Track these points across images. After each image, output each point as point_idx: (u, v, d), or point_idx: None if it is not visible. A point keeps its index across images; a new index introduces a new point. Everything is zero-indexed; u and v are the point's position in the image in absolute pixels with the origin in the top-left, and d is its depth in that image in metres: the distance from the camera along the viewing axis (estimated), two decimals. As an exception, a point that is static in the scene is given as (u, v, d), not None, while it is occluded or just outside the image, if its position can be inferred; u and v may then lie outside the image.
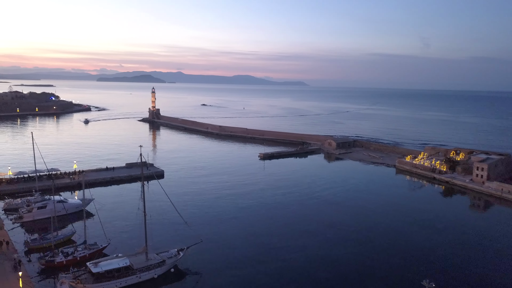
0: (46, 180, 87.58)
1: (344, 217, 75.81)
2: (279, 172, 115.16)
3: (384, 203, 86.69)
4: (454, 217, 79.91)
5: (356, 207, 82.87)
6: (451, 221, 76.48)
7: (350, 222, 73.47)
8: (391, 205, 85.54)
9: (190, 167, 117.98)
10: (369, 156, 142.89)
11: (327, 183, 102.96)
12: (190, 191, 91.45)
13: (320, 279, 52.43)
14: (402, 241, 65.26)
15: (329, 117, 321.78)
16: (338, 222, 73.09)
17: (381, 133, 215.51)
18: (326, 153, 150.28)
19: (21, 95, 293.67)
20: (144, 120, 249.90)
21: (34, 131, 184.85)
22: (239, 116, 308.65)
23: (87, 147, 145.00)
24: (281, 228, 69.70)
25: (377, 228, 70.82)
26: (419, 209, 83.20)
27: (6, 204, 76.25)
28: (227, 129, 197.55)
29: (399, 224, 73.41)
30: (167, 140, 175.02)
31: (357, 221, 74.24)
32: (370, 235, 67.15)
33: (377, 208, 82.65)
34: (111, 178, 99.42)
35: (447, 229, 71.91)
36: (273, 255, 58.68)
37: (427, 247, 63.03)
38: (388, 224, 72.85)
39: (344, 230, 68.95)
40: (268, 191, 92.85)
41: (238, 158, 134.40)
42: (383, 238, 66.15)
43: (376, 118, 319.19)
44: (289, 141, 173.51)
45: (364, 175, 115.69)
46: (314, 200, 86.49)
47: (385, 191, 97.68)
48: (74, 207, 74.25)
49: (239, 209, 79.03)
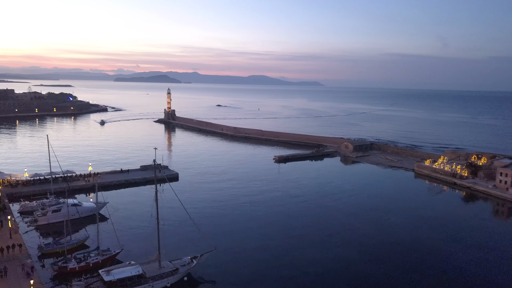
0: (61, 183, 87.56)
1: (365, 228, 73.11)
2: (295, 176, 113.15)
3: (405, 210, 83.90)
4: (478, 226, 76.68)
5: (377, 217, 79.85)
6: (474, 229, 73.48)
7: (372, 233, 70.69)
8: (412, 212, 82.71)
9: (204, 169, 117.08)
10: (386, 159, 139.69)
11: (345, 188, 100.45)
12: (205, 196, 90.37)
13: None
14: (428, 256, 62.03)
15: (345, 118, 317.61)
16: (358, 232, 70.31)
17: (399, 135, 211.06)
18: (342, 156, 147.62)
19: (40, 96, 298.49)
20: (160, 121, 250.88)
21: (51, 131, 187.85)
22: (254, 117, 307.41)
23: (102, 149, 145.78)
24: (297, 237, 67.75)
25: (399, 238, 68.35)
26: (442, 217, 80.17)
27: (22, 207, 76.55)
28: (241, 131, 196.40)
29: (422, 235, 70.36)
30: (182, 142, 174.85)
31: (379, 232, 71.54)
32: (393, 249, 63.87)
33: (398, 216, 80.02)
34: (126, 181, 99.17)
35: (471, 239, 68.94)
36: (289, 265, 56.92)
37: (455, 264, 60.24)
38: (411, 235, 69.86)
39: (365, 242, 65.92)
40: (284, 197, 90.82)
41: (253, 161, 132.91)
42: (406, 252, 63.18)
43: (393, 120, 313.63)
44: (304, 143, 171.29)
45: (382, 180, 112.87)
46: (332, 208, 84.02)
47: (404, 197, 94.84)
48: (88, 210, 73.90)
49: (254, 216, 77.32)
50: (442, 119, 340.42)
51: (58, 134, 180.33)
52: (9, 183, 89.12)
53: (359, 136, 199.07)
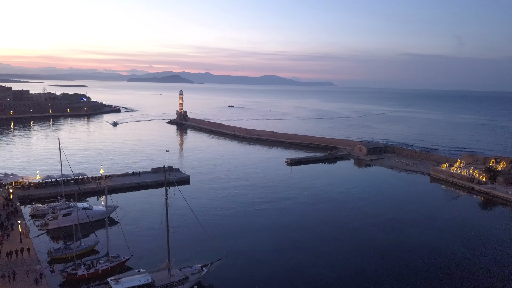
0: (73, 185, 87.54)
1: (382, 237, 70.83)
2: (308, 180, 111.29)
3: (423, 219, 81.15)
4: (499, 233, 73.77)
5: (395, 225, 77.53)
6: (494, 237, 70.67)
7: (389, 242, 68.50)
8: (430, 221, 79.93)
9: (216, 172, 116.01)
10: (401, 163, 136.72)
11: (359, 194, 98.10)
12: (216, 200, 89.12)
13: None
14: (447, 263, 60.16)
15: (359, 119, 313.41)
16: (375, 242, 67.87)
17: (414, 137, 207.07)
18: (356, 159, 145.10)
19: (54, 96, 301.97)
20: (172, 122, 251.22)
21: (64, 133, 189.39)
22: (266, 118, 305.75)
23: (114, 150, 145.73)
24: (311, 244, 65.93)
25: (415, 245, 66.15)
26: (461, 225, 77.59)
27: (33, 210, 76.45)
28: (253, 132, 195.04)
29: (443, 248, 67.65)
30: (194, 143, 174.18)
31: (397, 242, 69.47)
32: (412, 261, 61.54)
33: (417, 226, 77.54)
34: (137, 184, 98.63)
35: (491, 246, 66.26)
36: (302, 274, 55.27)
37: (472, 270, 57.98)
38: (431, 247, 67.12)
39: (383, 253, 63.60)
40: (297, 202, 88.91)
41: (265, 164, 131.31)
42: (427, 267, 60.74)
43: (408, 121, 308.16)
44: (317, 145, 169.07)
45: (397, 184, 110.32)
46: (346, 215, 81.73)
47: (421, 204, 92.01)
48: (99, 214, 73.37)
49: (266, 222, 75.61)
50: (459, 120, 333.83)
51: (71, 135, 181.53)
52: (22, 185, 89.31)
53: (373, 138, 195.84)
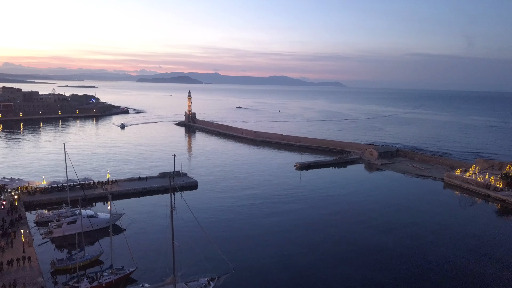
0: (78, 190, 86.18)
1: (396, 247, 68.29)
2: (318, 185, 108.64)
3: (438, 227, 78.25)
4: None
5: (409, 234, 74.87)
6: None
7: (400, 249, 66.19)
8: (445, 229, 76.99)
9: (224, 177, 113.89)
10: (413, 167, 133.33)
11: (371, 200, 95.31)
12: (223, 207, 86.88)
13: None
14: (462, 277, 57.36)
15: (368, 121, 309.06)
16: (388, 252, 65.45)
17: (425, 140, 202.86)
18: (367, 163, 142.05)
19: (63, 98, 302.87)
20: (180, 124, 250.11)
21: (72, 135, 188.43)
22: (274, 119, 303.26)
23: (121, 154, 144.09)
24: (322, 255, 63.52)
25: (429, 257, 63.30)
26: (478, 236, 74.46)
27: (38, 217, 75.14)
28: (262, 135, 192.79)
29: (453, 254, 65.07)
30: (202, 146, 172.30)
31: (412, 253, 66.76)
32: (422, 269, 59.31)
33: (432, 234, 74.68)
34: (143, 189, 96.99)
35: (510, 260, 63.12)
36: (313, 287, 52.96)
37: (489, 285, 55.06)
38: (447, 258, 64.30)
39: (397, 266, 61.10)
40: (307, 210, 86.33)
41: (274, 168, 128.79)
42: (437, 271, 58.43)
43: (419, 123, 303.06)
44: (327, 148, 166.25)
45: (410, 191, 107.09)
46: (358, 222, 79.07)
47: (436, 211, 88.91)
48: (104, 222, 71.74)
49: (275, 232, 72.93)
50: (471, 122, 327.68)
51: (78, 138, 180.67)
52: (27, 191, 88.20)
53: (384, 141, 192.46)
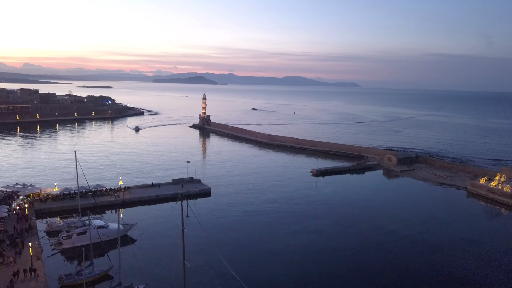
0: (90, 198, 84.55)
1: (416, 261, 64.55)
2: (335, 193, 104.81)
3: (460, 239, 74.15)
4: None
5: (429, 246, 70.97)
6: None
7: (422, 267, 62.21)
8: (467, 242, 72.97)
9: (238, 184, 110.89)
10: (434, 175, 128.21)
11: (393, 212, 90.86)
12: (237, 217, 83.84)
13: None
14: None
15: (386, 124, 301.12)
16: (408, 266, 61.95)
17: (446, 145, 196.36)
18: (385, 169, 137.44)
19: (79, 99, 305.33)
20: (195, 126, 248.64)
21: (88, 138, 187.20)
22: (289, 122, 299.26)
23: (135, 159, 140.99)
24: (339, 270, 60.12)
25: (454, 275, 59.23)
26: (502, 250, 70.02)
27: (48, 226, 73.61)
28: (277, 139, 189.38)
29: (479, 273, 60.88)
30: (216, 150, 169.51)
31: (432, 269, 62.76)
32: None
33: (452, 246, 70.50)
34: (156, 196, 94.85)
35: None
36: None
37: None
38: (466, 272, 60.56)
39: (416, 278, 57.82)
40: (327, 222, 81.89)
41: (290, 175, 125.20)
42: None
43: (438, 127, 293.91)
44: (344, 153, 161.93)
45: (432, 200, 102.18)
46: (383, 238, 74.69)
47: (458, 222, 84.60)
48: (115, 233, 69.37)
49: (293, 247, 69.20)
50: (493, 125, 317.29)
51: (92, 141, 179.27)
52: (39, 198, 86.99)
53: (402, 146, 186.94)
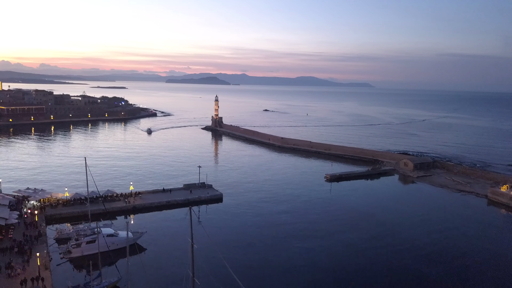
0: (101, 203, 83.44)
1: (437, 276, 61.47)
2: (351, 201, 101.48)
3: (484, 253, 70.61)
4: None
5: (450, 259, 67.85)
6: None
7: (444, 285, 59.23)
8: (490, 255, 69.45)
9: (250, 190, 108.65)
10: (453, 181, 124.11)
11: (412, 221, 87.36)
12: (249, 226, 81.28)
13: None
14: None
15: (401, 127, 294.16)
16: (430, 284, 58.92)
17: (464, 149, 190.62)
18: (401, 175, 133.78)
19: (93, 100, 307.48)
20: (207, 128, 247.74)
21: (100, 140, 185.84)
22: (302, 124, 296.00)
23: (147, 163, 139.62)
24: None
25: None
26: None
27: (58, 233, 72.63)
28: (289, 142, 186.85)
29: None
30: (228, 154, 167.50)
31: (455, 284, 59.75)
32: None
33: (475, 260, 67.20)
34: (167, 202, 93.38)
35: None
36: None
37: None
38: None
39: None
40: (343, 234, 77.99)
41: (303, 180, 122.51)
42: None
43: (456, 130, 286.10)
44: (358, 157, 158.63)
45: (451, 208, 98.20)
46: (402, 251, 71.28)
47: (479, 233, 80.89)
48: (125, 241, 68.14)
49: (308, 260, 66.13)
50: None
51: (104, 144, 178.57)
52: (50, 203, 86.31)
53: (418, 150, 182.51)
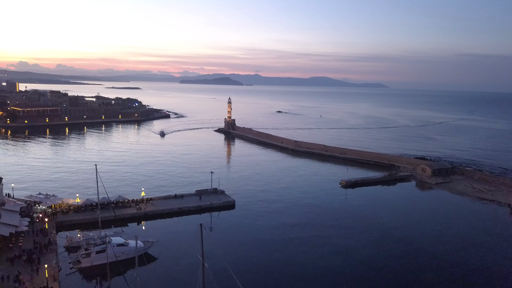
0: (112, 210, 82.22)
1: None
2: (368, 210, 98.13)
3: (509, 269, 67.02)
4: None
5: (472, 276, 64.45)
6: None
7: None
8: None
9: (263, 196, 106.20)
10: (473, 188, 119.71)
11: (432, 233, 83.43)
12: (262, 236, 78.63)
13: None
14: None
15: (418, 130, 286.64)
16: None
17: (484, 154, 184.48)
18: (419, 181, 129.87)
19: (107, 102, 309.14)
20: (220, 130, 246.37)
21: (114, 143, 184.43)
22: (316, 126, 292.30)
23: (159, 167, 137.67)
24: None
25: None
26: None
27: (68, 242, 71.51)
28: (303, 145, 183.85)
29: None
30: (241, 157, 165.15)
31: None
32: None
33: (501, 279, 63.65)
34: (179, 209, 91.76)
35: None
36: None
37: None
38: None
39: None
40: (362, 250, 73.93)
41: (318, 186, 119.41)
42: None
43: (475, 133, 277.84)
44: (374, 162, 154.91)
45: (473, 219, 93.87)
46: (426, 268, 67.60)
47: (506, 248, 76.91)
48: (135, 252, 66.65)
49: (326, 280, 63.38)
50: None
51: (117, 147, 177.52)
52: (61, 209, 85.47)
53: (435, 154, 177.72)
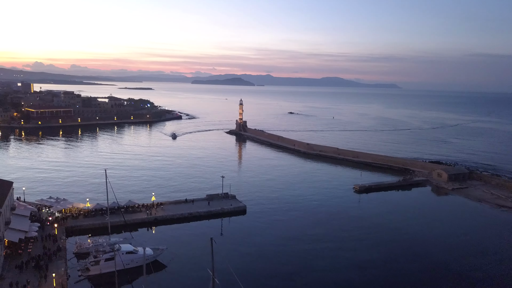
0: (121, 215, 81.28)
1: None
2: (383, 217, 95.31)
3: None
4: None
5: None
6: None
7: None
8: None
9: (275, 201, 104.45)
10: (491, 194, 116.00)
11: (450, 242, 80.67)
12: (273, 244, 76.81)
13: None
14: None
15: (432, 132, 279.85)
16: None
17: (502, 158, 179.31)
18: (434, 186, 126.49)
19: (119, 103, 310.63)
20: (231, 132, 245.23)
21: (125, 145, 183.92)
22: (328, 128, 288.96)
23: (170, 171, 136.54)
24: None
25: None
26: None
27: (77, 248, 70.74)
28: (315, 148, 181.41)
29: None
30: (252, 161, 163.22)
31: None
32: None
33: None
34: (189, 214, 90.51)
35: None
36: None
37: None
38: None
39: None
40: (379, 263, 70.73)
41: (331, 191, 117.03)
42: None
43: (491, 135, 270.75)
44: (388, 166, 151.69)
45: (492, 227, 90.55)
46: (447, 282, 64.95)
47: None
48: (143, 259, 65.39)
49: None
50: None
51: (129, 150, 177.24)
52: (71, 214, 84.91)
53: (451, 158, 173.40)
